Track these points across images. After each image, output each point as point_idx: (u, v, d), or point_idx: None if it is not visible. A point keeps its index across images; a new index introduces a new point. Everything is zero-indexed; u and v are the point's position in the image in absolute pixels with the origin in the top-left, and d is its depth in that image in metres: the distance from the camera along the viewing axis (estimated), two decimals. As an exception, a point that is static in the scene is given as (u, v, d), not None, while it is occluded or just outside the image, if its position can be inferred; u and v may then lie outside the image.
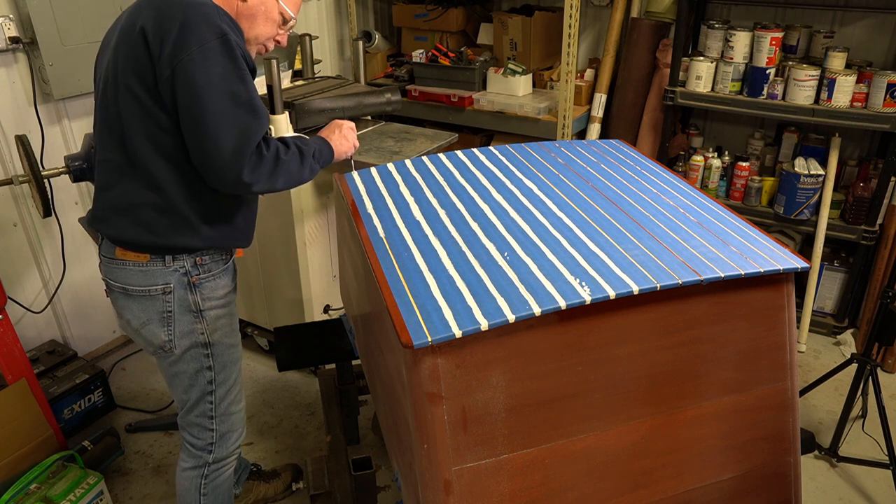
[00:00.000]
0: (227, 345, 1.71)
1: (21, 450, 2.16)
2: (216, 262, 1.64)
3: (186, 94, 1.36)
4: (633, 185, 1.64)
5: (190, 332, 1.62)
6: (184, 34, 1.35)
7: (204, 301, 1.62)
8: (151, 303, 1.58)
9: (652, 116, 3.29)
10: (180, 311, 1.60)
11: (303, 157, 1.55)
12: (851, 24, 3.00)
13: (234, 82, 1.38)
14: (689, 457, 1.35)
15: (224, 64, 1.37)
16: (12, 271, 2.58)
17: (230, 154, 1.37)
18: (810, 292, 3.03)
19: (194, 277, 1.59)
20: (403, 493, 1.42)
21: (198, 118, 1.37)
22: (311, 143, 1.62)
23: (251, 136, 1.39)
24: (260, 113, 1.42)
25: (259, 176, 1.43)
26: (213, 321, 1.65)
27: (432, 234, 1.42)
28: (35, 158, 2.02)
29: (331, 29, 3.91)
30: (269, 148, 1.45)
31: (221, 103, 1.36)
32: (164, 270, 1.56)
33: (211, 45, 1.36)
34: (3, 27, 2.33)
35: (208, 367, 1.67)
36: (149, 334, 1.61)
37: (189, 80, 1.35)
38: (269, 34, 1.59)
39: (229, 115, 1.37)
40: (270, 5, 1.55)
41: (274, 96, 2.22)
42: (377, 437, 2.47)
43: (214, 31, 1.37)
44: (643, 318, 1.24)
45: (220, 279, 1.66)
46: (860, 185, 2.89)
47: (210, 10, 1.39)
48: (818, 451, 2.40)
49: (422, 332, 1.10)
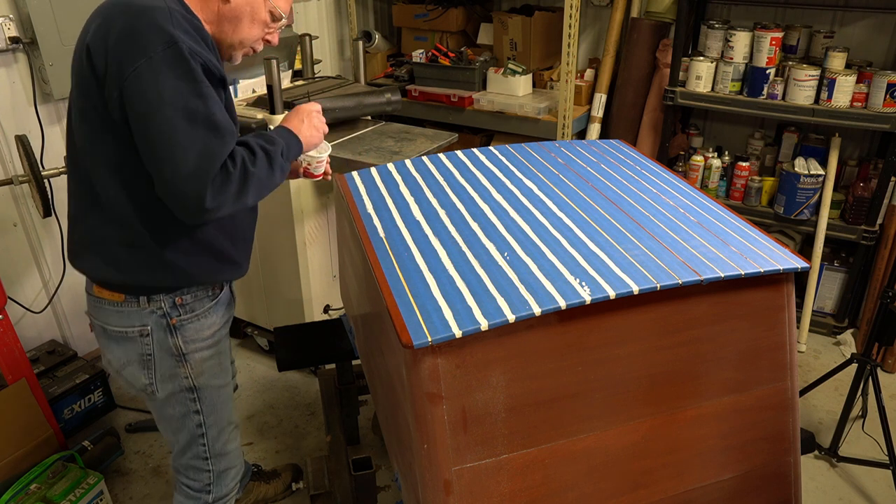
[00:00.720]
0: (216, 386, 1.57)
1: (21, 450, 2.16)
2: (200, 300, 1.48)
3: (137, 116, 1.21)
4: (633, 185, 1.64)
5: (172, 375, 1.49)
6: (127, 46, 1.19)
7: (187, 344, 1.47)
8: (130, 344, 1.46)
9: (652, 116, 3.29)
10: (161, 354, 1.47)
11: (272, 161, 1.34)
12: (851, 24, 3.00)
13: (189, 97, 1.20)
14: (689, 457, 1.35)
15: (176, 76, 1.19)
16: (12, 271, 2.58)
17: (189, 180, 1.19)
18: (810, 292, 3.03)
19: (174, 319, 1.44)
20: (403, 493, 1.42)
21: (151, 142, 1.21)
22: (277, 140, 1.40)
23: (213, 157, 1.21)
24: (223, 130, 1.24)
25: (225, 199, 1.24)
26: (198, 364, 1.51)
27: (432, 234, 1.42)
28: (35, 158, 2.02)
29: (331, 29, 3.91)
30: (236, 163, 1.25)
31: (175, 122, 1.19)
32: (139, 312, 1.42)
33: (159, 56, 1.19)
34: (3, 27, 2.33)
35: (196, 412, 1.55)
36: (129, 377, 1.50)
37: (138, 99, 1.19)
38: (256, 36, 1.43)
39: (185, 136, 1.19)
40: (257, 5, 1.38)
41: (274, 96, 2.22)
42: (377, 437, 2.47)
43: (162, 39, 1.19)
44: (643, 318, 1.24)
45: (207, 318, 1.50)
46: (860, 185, 2.89)
47: (160, 15, 1.22)
48: (818, 451, 2.40)
49: (422, 332, 1.10)
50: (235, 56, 1.45)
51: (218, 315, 1.53)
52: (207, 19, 1.36)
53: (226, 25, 1.38)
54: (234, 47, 1.42)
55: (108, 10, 1.27)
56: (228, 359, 1.62)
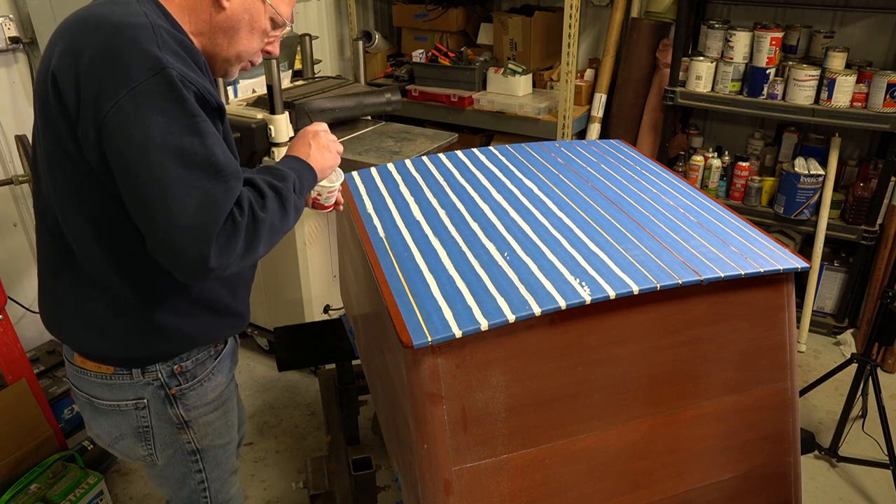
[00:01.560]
0: (221, 445, 1.41)
1: (21, 450, 2.16)
2: (202, 363, 1.29)
3: (120, 162, 0.98)
4: (633, 185, 1.64)
5: (173, 442, 1.33)
6: (105, 74, 0.97)
7: (189, 412, 1.30)
8: (123, 418, 1.27)
9: (652, 116, 3.29)
10: (159, 424, 1.29)
11: (284, 201, 1.11)
12: (851, 24, 3.00)
13: (184, 135, 0.98)
14: (689, 457, 1.35)
15: (167, 111, 0.98)
16: (12, 271, 2.58)
17: (188, 237, 0.97)
18: (810, 292, 3.03)
19: (174, 389, 1.26)
20: (403, 493, 1.42)
21: (139, 192, 0.98)
22: (287, 174, 1.16)
23: (216, 208, 0.98)
24: (226, 173, 1.01)
25: (232, 256, 1.01)
26: (202, 428, 1.34)
27: (432, 234, 1.42)
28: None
29: (331, 29, 3.91)
30: (244, 211, 1.02)
31: (168, 168, 0.97)
32: (132, 385, 1.23)
33: (144, 86, 0.96)
34: (3, 27, 2.33)
35: (198, 471, 1.40)
36: (124, 449, 1.33)
37: (121, 141, 0.97)
38: (255, 48, 1.21)
39: (181, 184, 0.97)
40: (257, 12, 1.16)
41: (274, 96, 2.22)
42: (377, 437, 2.47)
43: (148, 65, 0.97)
44: (643, 318, 1.24)
45: (211, 381, 1.31)
46: (860, 185, 2.89)
47: (142, 33, 1.00)
48: (818, 451, 2.40)
49: (422, 332, 1.10)
50: (231, 72, 1.23)
51: (223, 374, 1.35)
52: (197, 31, 1.14)
53: (220, 37, 1.15)
54: (230, 62, 1.20)
55: (74, 27, 1.04)
56: (234, 409, 1.43)
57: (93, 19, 1.03)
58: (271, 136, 2.32)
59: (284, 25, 1.23)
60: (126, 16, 1.02)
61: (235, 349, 1.44)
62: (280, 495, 2.30)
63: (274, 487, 2.33)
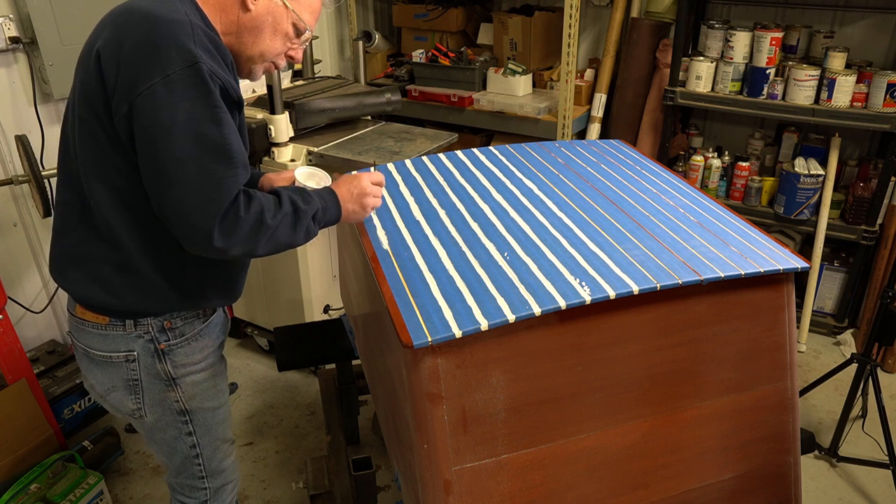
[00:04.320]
0: (210, 408, 1.47)
1: (21, 450, 2.16)
2: (191, 322, 1.38)
3: (146, 137, 1.12)
4: (633, 185, 1.64)
5: (162, 400, 1.40)
6: (144, 61, 1.11)
7: (177, 369, 1.38)
8: (115, 369, 1.36)
9: (652, 116, 3.29)
10: (148, 379, 1.37)
11: (297, 220, 1.25)
12: (851, 24, 3.00)
13: (206, 123, 1.13)
14: (690, 457, 1.35)
15: (194, 99, 1.11)
16: (12, 271, 2.58)
17: (197, 212, 1.13)
18: (810, 292, 3.03)
19: (162, 344, 1.35)
20: (403, 493, 1.42)
21: (159, 167, 1.13)
22: (314, 202, 1.30)
23: (223, 190, 1.14)
24: (236, 161, 1.17)
25: (235, 240, 1.17)
26: (189, 388, 1.41)
27: (432, 234, 1.42)
28: (35, 158, 2.02)
29: (331, 29, 3.91)
30: (250, 209, 1.18)
31: (188, 149, 1.11)
32: (125, 336, 1.33)
33: (178, 76, 1.10)
34: (3, 27, 2.33)
35: (188, 434, 1.46)
36: (115, 401, 1.41)
37: (149, 119, 1.11)
38: (278, 50, 1.31)
39: (196, 165, 1.12)
40: (280, 15, 1.27)
41: (274, 96, 2.22)
42: (377, 437, 2.47)
43: (184, 58, 1.11)
44: (643, 318, 1.24)
45: (199, 341, 1.40)
46: (860, 185, 2.89)
47: (182, 30, 1.13)
48: (818, 451, 2.40)
49: (422, 332, 1.10)
50: (255, 70, 1.34)
51: (210, 338, 1.44)
52: (226, 30, 1.26)
53: (246, 36, 1.27)
54: (254, 60, 1.31)
55: (120, 19, 1.17)
56: (224, 379, 1.52)
57: (139, 12, 1.15)
58: (271, 136, 2.32)
59: (306, 32, 1.32)
60: (168, 13, 1.15)
61: (226, 321, 1.52)
62: (280, 495, 2.31)
63: (274, 487, 2.33)
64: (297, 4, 1.28)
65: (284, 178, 1.48)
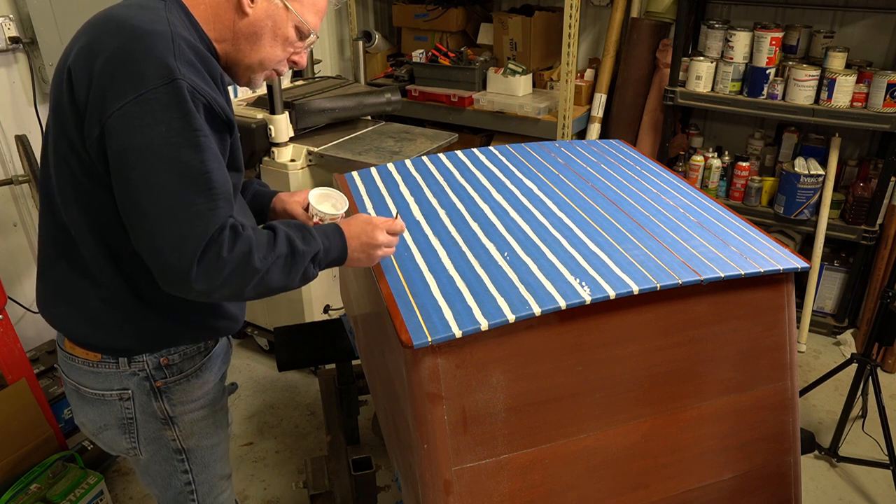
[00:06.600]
0: (208, 446, 1.37)
1: (21, 450, 2.16)
2: (190, 358, 1.27)
3: (118, 163, 1.00)
4: (633, 185, 1.64)
5: (157, 438, 1.30)
6: (117, 76, 0.99)
7: (174, 407, 1.28)
8: (108, 408, 1.26)
9: (652, 116, 3.29)
10: (144, 417, 1.27)
11: (293, 263, 1.11)
12: (851, 24, 3.00)
13: (183, 148, 0.99)
14: (690, 457, 1.35)
15: (171, 121, 0.99)
16: (12, 271, 2.58)
17: (171, 250, 0.99)
18: (810, 292, 3.03)
19: (159, 382, 1.24)
20: (403, 493, 1.42)
21: (131, 197, 1.00)
22: (316, 239, 1.16)
23: (201, 226, 1.00)
24: (217, 192, 1.02)
25: (216, 283, 1.02)
26: (187, 426, 1.31)
27: (432, 234, 1.42)
28: (35, 158, 2.02)
29: (331, 29, 3.90)
30: (235, 248, 1.03)
31: (162, 178, 0.98)
32: (118, 374, 1.22)
33: (153, 94, 0.98)
34: (3, 27, 2.33)
35: (184, 471, 1.36)
36: (107, 440, 1.31)
37: (121, 142, 0.99)
38: (279, 56, 1.19)
39: (172, 196, 0.99)
40: (280, 19, 1.15)
41: (274, 96, 2.22)
42: (377, 437, 2.47)
43: (161, 74, 0.98)
44: (643, 318, 1.24)
45: (199, 377, 1.29)
46: (860, 185, 2.89)
47: (161, 42, 1.01)
48: (818, 451, 2.40)
49: (422, 332, 1.10)
50: (255, 79, 1.22)
51: (212, 372, 1.33)
52: (220, 37, 1.15)
53: (243, 44, 1.15)
54: (254, 69, 1.19)
55: (95, 28, 1.06)
56: (225, 413, 1.42)
57: (115, 21, 1.04)
58: (271, 136, 2.32)
59: (310, 35, 1.20)
60: (149, 22, 1.03)
61: (228, 350, 1.42)
62: (280, 495, 2.31)
63: (274, 487, 2.33)
64: (299, 6, 1.16)
65: (297, 200, 1.40)
